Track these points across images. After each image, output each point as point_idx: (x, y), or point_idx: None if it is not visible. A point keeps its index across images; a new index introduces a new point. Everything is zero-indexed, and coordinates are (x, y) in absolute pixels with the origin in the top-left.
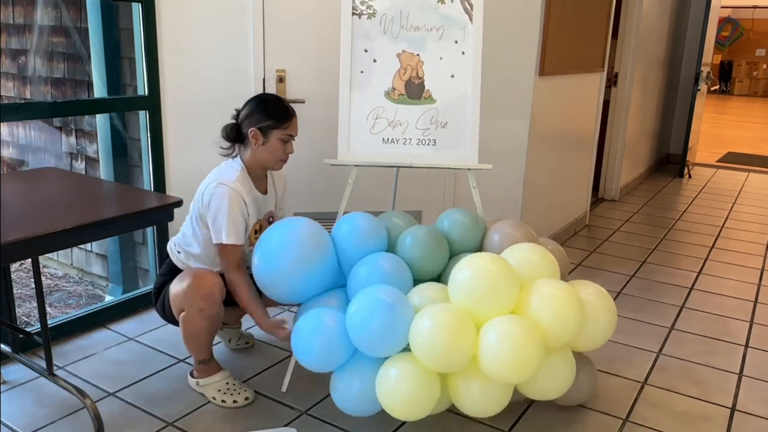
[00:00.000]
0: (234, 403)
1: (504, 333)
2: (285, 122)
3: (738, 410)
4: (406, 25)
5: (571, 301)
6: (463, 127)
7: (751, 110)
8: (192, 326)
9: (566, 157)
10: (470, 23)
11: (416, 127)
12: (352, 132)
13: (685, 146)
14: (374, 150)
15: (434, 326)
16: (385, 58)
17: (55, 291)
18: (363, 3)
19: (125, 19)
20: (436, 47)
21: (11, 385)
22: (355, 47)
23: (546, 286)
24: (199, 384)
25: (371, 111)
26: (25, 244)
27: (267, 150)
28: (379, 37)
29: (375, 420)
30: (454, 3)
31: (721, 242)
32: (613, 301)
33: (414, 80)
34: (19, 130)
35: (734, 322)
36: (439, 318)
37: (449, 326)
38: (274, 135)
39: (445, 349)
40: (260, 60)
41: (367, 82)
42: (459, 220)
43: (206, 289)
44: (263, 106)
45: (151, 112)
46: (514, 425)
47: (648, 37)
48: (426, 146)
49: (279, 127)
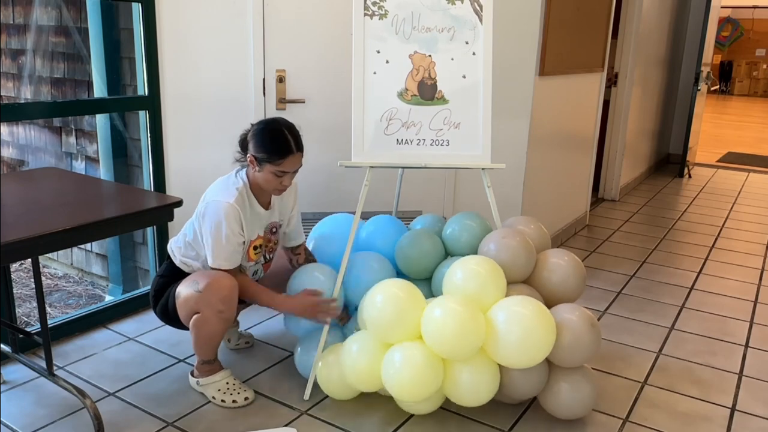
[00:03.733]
0: (234, 403)
1: (406, 357)
2: (278, 159)
3: (738, 410)
4: (418, 26)
5: (464, 321)
6: (476, 128)
7: (751, 110)
8: (208, 328)
9: (566, 157)
10: (480, 24)
11: (429, 128)
12: (366, 134)
13: (685, 146)
14: (389, 151)
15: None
16: (398, 59)
17: (55, 291)
18: (374, 4)
19: (125, 19)
20: (447, 48)
21: (11, 385)
22: (367, 48)
23: (438, 306)
24: (200, 383)
25: (385, 112)
26: (25, 244)
27: (262, 178)
28: (391, 38)
29: (375, 420)
30: (464, 4)
31: (721, 242)
32: (539, 320)
33: (427, 81)
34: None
35: (734, 322)
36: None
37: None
38: (266, 168)
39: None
40: (260, 60)
41: (381, 83)
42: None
43: (225, 291)
44: (261, 137)
45: (151, 112)
46: (514, 425)
47: (648, 37)
48: (440, 147)
49: (271, 163)
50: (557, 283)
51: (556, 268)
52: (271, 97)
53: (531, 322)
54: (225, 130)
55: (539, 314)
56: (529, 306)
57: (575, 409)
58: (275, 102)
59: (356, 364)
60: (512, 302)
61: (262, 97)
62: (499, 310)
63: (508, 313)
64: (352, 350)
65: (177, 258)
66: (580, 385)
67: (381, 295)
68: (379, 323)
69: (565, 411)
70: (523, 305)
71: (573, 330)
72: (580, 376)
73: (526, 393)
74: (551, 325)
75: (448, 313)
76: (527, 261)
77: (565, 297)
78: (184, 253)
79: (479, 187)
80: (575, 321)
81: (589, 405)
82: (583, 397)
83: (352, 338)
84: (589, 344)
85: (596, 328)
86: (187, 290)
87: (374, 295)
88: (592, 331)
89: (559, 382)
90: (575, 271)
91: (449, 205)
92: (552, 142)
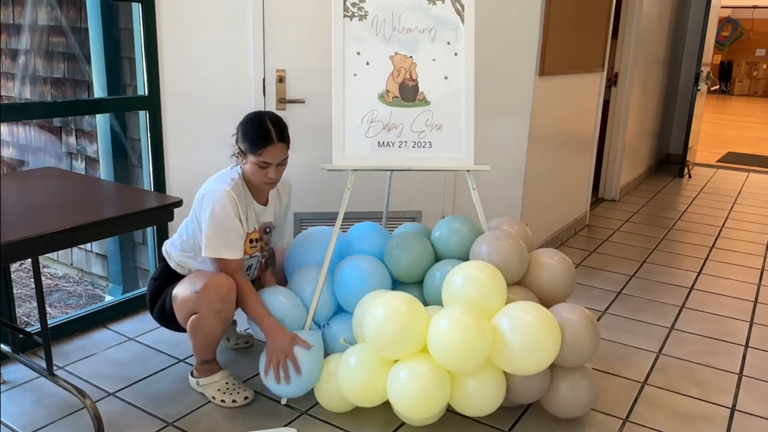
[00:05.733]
0: (233, 403)
1: (412, 373)
2: (258, 149)
3: (738, 410)
4: (398, 26)
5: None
6: (459, 129)
7: (751, 110)
8: (206, 328)
9: (566, 157)
10: (462, 24)
11: (411, 130)
12: (347, 136)
13: (685, 146)
14: (370, 154)
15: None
16: (378, 60)
17: (55, 291)
18: (354, 5)
19: (125, 19)
20: (428, 49)
21: (11, 385)
22: (347, 50)
23: (445, 317)
24: (200, 384)
25: (365, 114)
26: (25, 244)
27: (249, 170)
28: (371, 39)
29: (375, 420)
30: (445, 4)
31: (721, 242)
32: (544, 325)
33: (408, 82)
34: (19, 130)
35: (734, 322)
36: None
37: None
38: (250, 158)
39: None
40: (260, 60)
41: (361, 85)
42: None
43: (223, 291)
44: (244, 127)
45: (151, 112)
46: (514, 425)
47: (648, 37)
48: (422, 149)
49: (253, 153)
50: (547, 282)
51: (547, 267)
52: (271, 97)
53: (536, 328)
54: (225, 130)
55: (544, 319)
56: (534, 312)
57: (575, 409)
58: (275, 102)
59: (354, 379)
60: (516, 308)
61: (262, 97)
62: (504, 317)
63: (512, 320)
64: (350, 364)
65: (173, 260)
66: (580, 385)
67: (382, 309)
68: (382, 339)
69: (564, 410)
70: (528, 311)
71: (573, 329)
72: (580, 376)
73: (530, 397)
74: (556, 330)
75: (456, 325)
76: (520, 262)
77: (557, 296)
78: (181, 254)
79: (479, 187)
80: (575, 320)
81: (589, 404)
82: (583, 397)
83: (350, 351)
84: (589, 343)
85: (596, 327)
86: (185, 291)
87: (375, 309)
88: (592, 330)
89: (558, 382)
90: (565, 269)
91: (449, 204)
92: (552, 142)
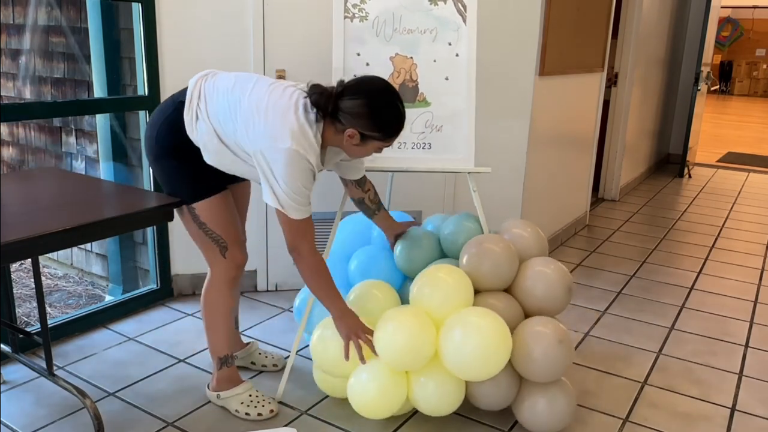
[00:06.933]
0: (259, 416)
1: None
2: (392, 138)
3: (738, 410)
4: (399, 27)
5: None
6: (459, 131)
7: (751, 110)
8: (220, 300)
9: (566, 157)
10: (464, 25)
11: (411, 131)
12: None
13: (685, 146)
14: (369, 155)
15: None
16: (378, 61)
17: (55, 291)
18: (355, 6)
19: (125, 19)
20: (429, 49)
21: (11, 385)
22: (347, 51)
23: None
24: (221, 397)
25: None
26: (25, 244)
27: (356, 149)
28: (371, 40)
29: (375, 420)
30: (447, 4)
31: (721, 242)
32: (493, 331)
33: (408, 83)
34: (19, 130)
35: (734, 322)
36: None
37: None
38: (373, 144)
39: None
40: (260, 60)
41: None
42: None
43: (239, 260)
44: (377, 116)
45: (151, 112)
46: (515, 425)
47: (648, 37)
48: (422, 150)
49: (383, 140)
50: (541, 294)
51: (541, 277)
52: None
53: (482, 335)
54: None
55: (493, 327)
56: (487, 318)
57: (551, 424)
58: None
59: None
60: (469, 313)
61: None
62: (455, 321)
63: (463, 325)
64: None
65: (196, 133)
66: (556, 400)
67: (391, 323)
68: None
69: (540, 426)
70: (480, 316)
71: (542, 344)
72: (556, 390)
73: (491, 404)
74: (505, 337)
75: (399, 327)
76: (510, 269)
77: (549, 307)
78: (216, 123)
79: (479, 187)
80: (546, 334)
81: (566, 420)
82: (559, 412)
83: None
84: (558, 358)
85: (565, 344)
86: (210, 243)
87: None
88: (560, 346)
89: (534, 396)
90: (561, 281)
91: (450, 204)
92: (552, 142)
